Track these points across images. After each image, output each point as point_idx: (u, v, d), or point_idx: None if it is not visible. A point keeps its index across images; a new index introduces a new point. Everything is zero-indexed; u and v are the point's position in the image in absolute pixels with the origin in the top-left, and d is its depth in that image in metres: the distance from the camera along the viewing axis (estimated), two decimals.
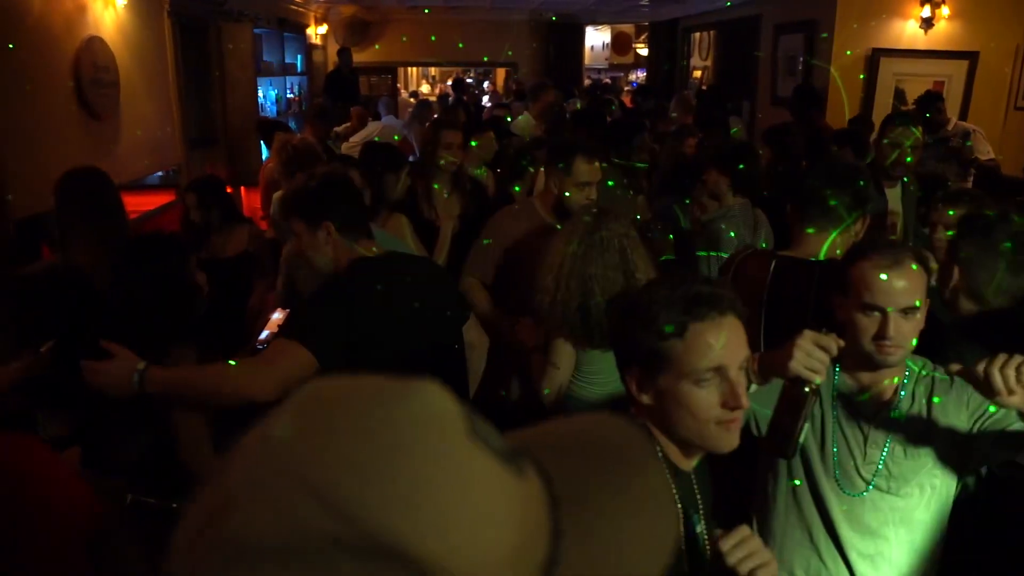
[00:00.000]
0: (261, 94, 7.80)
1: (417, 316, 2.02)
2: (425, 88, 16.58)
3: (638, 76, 14.24)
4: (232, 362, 1.92)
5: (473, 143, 4.30)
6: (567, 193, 2.79)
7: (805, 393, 1.43)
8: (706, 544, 1.25)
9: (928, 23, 6.34)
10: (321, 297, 2.03)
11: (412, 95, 14.79)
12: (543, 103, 5.87)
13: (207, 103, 6.41)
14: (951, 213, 2.66)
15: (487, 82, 15.89)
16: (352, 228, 2.06)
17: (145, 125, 5.02)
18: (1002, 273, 1.95)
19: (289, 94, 9.17)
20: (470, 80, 15.02)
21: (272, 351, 1.86)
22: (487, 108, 9.73)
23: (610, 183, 3.37)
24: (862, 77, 6.43)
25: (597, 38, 14.35)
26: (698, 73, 10.58)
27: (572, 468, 0.58)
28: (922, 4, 6.30)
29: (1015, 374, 1.37)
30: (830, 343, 1.46)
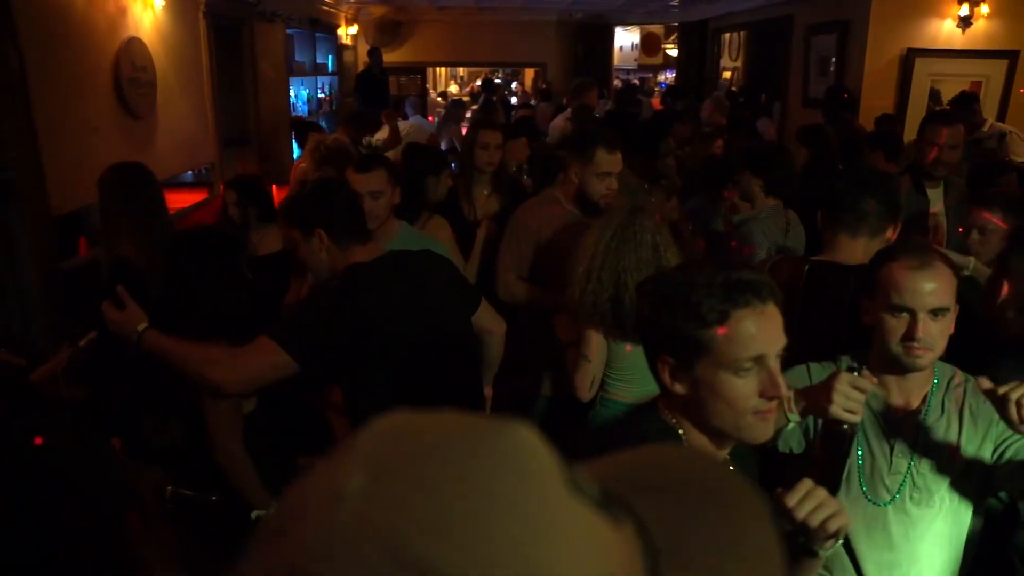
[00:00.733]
0: (292, 94, 7.87)
1: (416, 310, 2.03)
2: (454, 88, 16.64)
3: (667, 77, 14.17)
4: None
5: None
6: (588, 183, 2.79)
7: (844, 431, 1.44)
8: None
9: (966, 22, 6.21)
10: (309, 302, 2.13)
11: (441, 95, 14.86)
12: (584, 101, 5.83)
13: (240, 102, 6.47)
14: (985, 215, 2.62)
15: (515, 83, 15.90)
16: (346, 234, 2.07)
17: (180, 124, 5.10)
18: None
19: (320, 94, 9.24)
20: (499, 81, 15.04)
21: (253, 347, 1.89)
22: (513, 108, 9.73)
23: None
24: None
25: (626, 38, 14.27)
26: (727, 74, 10.51)
27: (670, 515, 0.55)
28: (960, 3, 6.18)
29: None
30: (865, 384, 1.43)
